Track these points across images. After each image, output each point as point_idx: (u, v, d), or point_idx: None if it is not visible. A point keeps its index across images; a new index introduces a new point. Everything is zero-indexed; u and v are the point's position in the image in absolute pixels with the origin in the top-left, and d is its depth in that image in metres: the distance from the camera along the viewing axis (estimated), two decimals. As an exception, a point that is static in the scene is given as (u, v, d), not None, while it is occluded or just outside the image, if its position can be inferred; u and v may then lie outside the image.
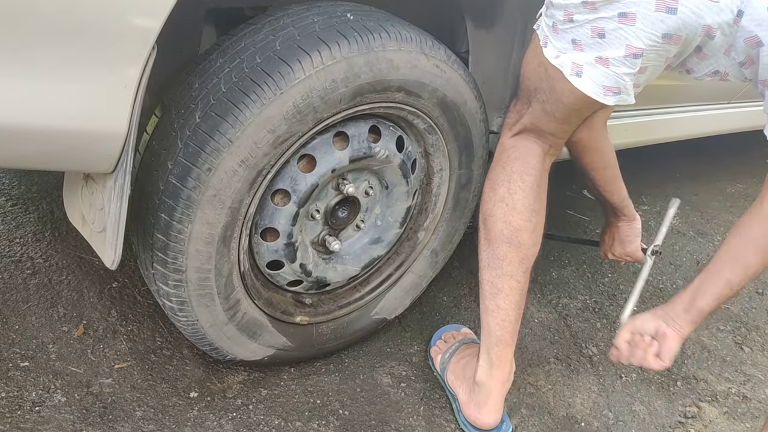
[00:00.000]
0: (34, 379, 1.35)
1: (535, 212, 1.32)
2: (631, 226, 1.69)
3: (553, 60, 1.15)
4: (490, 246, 1.34)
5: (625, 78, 1.10)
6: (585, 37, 1.10)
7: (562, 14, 1.12)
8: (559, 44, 1.14)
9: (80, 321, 1.51)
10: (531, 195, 1.31)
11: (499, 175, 1.33)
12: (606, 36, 1.08)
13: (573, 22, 1.10)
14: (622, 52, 1.07)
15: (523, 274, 1.34)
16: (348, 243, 1.44)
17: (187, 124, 1.08)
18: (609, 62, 1.09)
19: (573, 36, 1.11)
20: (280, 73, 1.06)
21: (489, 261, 1.34)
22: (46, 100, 0.88)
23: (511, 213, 1.30)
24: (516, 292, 1.34)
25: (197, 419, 1.35)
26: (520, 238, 1.31)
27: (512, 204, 1.30)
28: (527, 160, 1.31)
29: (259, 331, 1.36)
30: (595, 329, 1.84)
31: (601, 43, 1.08)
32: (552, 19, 1.15)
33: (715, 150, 3.02)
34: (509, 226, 1.31)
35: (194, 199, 1.09)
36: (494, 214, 1.32)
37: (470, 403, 1.43)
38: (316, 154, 1.23)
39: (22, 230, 1.73)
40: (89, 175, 1.11)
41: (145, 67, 0.94)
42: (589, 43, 1.10)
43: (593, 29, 1.08)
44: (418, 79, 1.23)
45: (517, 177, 1.31)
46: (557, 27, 1.14)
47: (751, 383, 1.73)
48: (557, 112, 1.23)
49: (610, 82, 1.11)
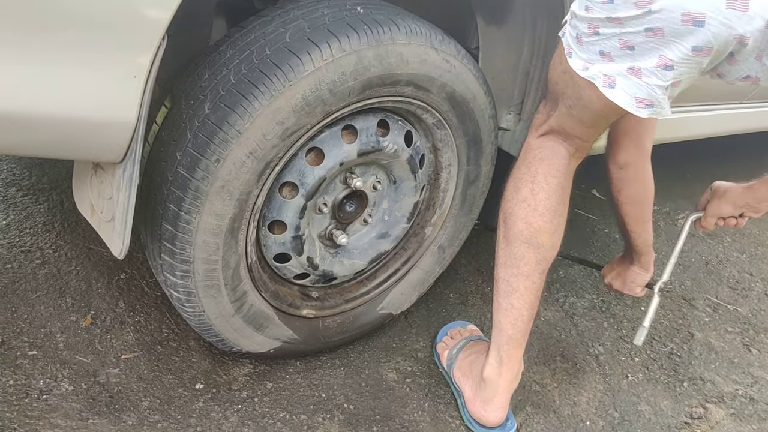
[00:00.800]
0: (41, 367, 1.36)
1: (557, 214, 1.31)
2: (641, 275, 1.69)
3: (582, 73, 1.13)
4: (509, 245, 1.33)
5: (657, 90, 1.08)
6: (614, 49, 1.08)
7: (587, 27, 1.10)
8: (585, 56, 1.13)
9: (88, 311, 1.52)
10: (554, 197, 1.30)
11: (524, 175, 1.32)
12: (636, 48, 1.06)
13: (599, 35, 1.09)
14: (655, 62, 1.05)
15: (540, 276, 1.33)
16: (355, 237, 1.45)
17: (196, 115, 1.09)
18: (641, 73, 1.07)
19: (600, 48, 1.10)
20: (289, 65, 1.07)
21: (506, 259, 1.34)
22: (55, 88, 0.89)
23: (533, 214, 1.29)
24: (531, 292, 1.34)
25: (203, 411, 1.36)
26: (540, 239, 1.30)
27: (534, 205, 1.29)
28: (553, 162, 1.30)
29: (265, 323, 1.36)
30: (602, 329, 1.83)
31: (631, 54, 1.07)
32: (576, 30, 1.13)
33: (725, 152, 3.00)
34: (530, 227, 1.30)
35: (202, 190, 1.09)
36: (515, 213, 1.31)
37: (476, 399, 1.42)
38: (324, 147, 1.23)
39: (32, 221, 1.74)
40: (98, 165, 1.11)
41: (155, 57, 0.94)
42: (620, 54, 1.08)
43: (621, 42, 1.06)
44: (427, 73, 1.23)
45: (542, 178, 1.30)
46: (582, 39, 1.12)
47: (759, 385, 1.72)
48: (584, 118, 1.23)
49: (642, 93, 1.09)
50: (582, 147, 1.32)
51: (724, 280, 2.14)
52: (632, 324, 1.85)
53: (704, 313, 1.96)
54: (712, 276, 2.15)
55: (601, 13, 1.06)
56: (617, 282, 1.73)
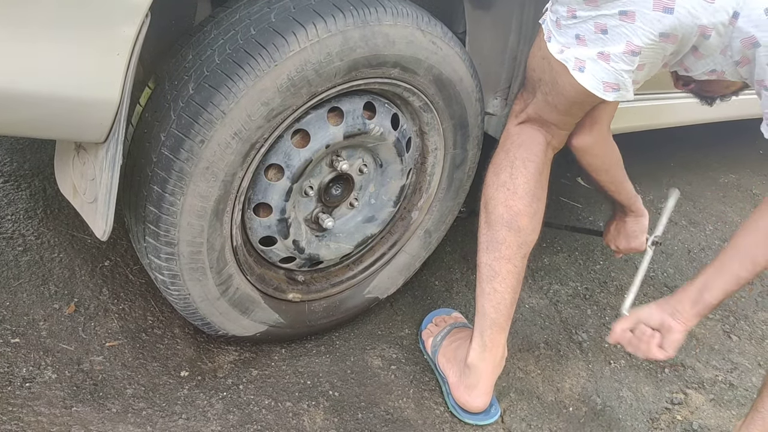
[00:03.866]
0: (24, 355, 1.35)
1: (536, 198, 1.34)
2: (638, 222, 1.68)
3: (557, 55, 1.17)
4: (490, 229, 1.35)
5: (624, 75, 1.13)
6: (588, 33, 1.12)
7: (566, 10, 1.14)
8: (563, 39, 1.16)
9: (71, 299, 1.50)
10: (533, 181, 1.33)
11: (502, 161, 1.35)
12: (608, 32, 1.10)
13: (576, 18, 1.12)
14: (623, 48, 1.09)
15: (521, 259, 1.36)
16: (341, 221, 1.44)
17: (180, 96, 1.08)
18: (610, 58, 1.11)
19: (577, 31, 1.13)
20: (274, 45, 1.06)
21: (488, 244, 1.36)
22: (36, 65, 0.88)
23: (512, 197, 1.32)
24: (513, 276, 1.36)
25: (188, 398, 1.35)
26: (520, 222, 1.33)
27: (514, 189, 1.32)
28: (530, 147, 1.33)
29: (251, 307, 1.36)
30: (586, 316, 1.84)
31: (603, 39, 1.10)
32: (556, 14, 1.17)
33: (710, 140, 3.03)
34: (510, 210, 1.32)
35: (187, 171, 1.08)
36: (495, 197, 1.34)
37: (460, 385, 1.43)
38: (310, 129, 1.22)
39: (13, 207, 1.72)
40: (81, 145, 1.10)
41: (138, 35, 0.93)
42: (593, 39, 1.12)
43: (596, 25, 1.10)
44: (414, 54, 1.23)
45: (520, 163, 1.33)
46: (560, 23, 1.16)
47: (738, 371, 1.74)
48: (559, 105, 1.26)
49: (610, 78, 1.13)
50: (558, 135, 1.35)
51: (705, 268, 2.16)
52: (615, 311, 1.87)
53: (686, 301, 1.98)
54: (695, 264, 2.18)
55: None
56: (621, 240, 1.72)
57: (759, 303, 2.04)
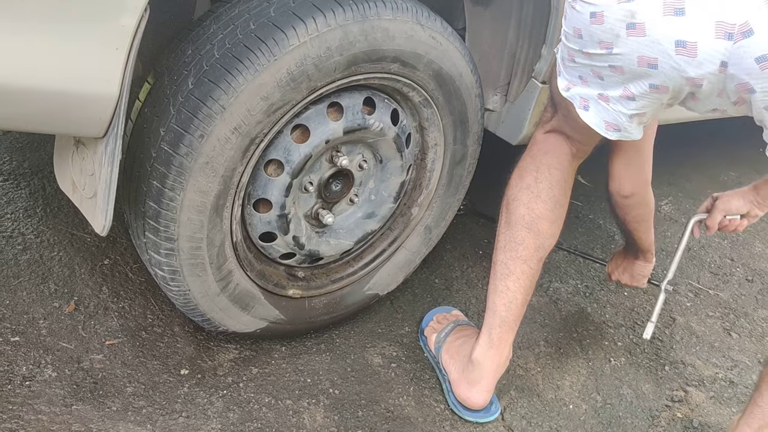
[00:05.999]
0: (24, 353, 1.35)
1: (558, 204, 1.36)
2: (646, 267, 1.77)
3: (563, 92, 1.21)
4: (510, 229, 1.36)
5: (621, 117, 1.16)
6: (589, 76, 1.16)
7: (567, 53, 1.17)
8: (568, 77, 1.20)
9: (71, 297, 1.50)
10: (557, 187, 1.35)
11: (528, 165, 1.37)
12: (604, 79, 1.13)
13: (575, 63, 1.16)
14: (620, 92, 1.13)
15: (537, 262, 1.37)
16: (341, 217, 1.44)
17: (179, 91, 1.08)
18: (609, 100, 1.15)
19: (579, 73, 1.17)
20: (274, 39, 1.06)
21: (506, 243, 1.37)
22: (35, 59, 0.88)
23: (535, 200, 1.34)
24: (527, 277, 1.36)
25: (188, 396, 1.35)
26: (540, 226, 1.34)
27: (537, 192, 1.34)
28: (557, 156, 1.36)
29: (251, 303, 1.36)
30: (586, 314, 1.84)
31: (602, 83, 1.14)
32: (561, 53, 1.20)
33: (710, 137, 3.02)
34: (531, 212, 1.34)
35: (186, 166, 1.08)
36: (518, 198, 1.36)
37: (462, 381, 1.43)
38: (309, 125, 1.22)
39: (13, 206, 1.72)
40: (80, 141, 1.10)
41: (137, 30, 0.94)
42: (593, 81, 1.16)
43: (593, 71, 1.14)
44: (413, 49, 1.23)
45: (545, 168, 1.35)
46: (565, 62, 1.19)
47: (738, 369, 1.74)
48: (576, 128, 1.29)
49: (610, 118, 1.17)
50: (582, 150, 1.38)
51: (705, 266, 2.16)
52: (615, 309, 1.87)
53: (686, 298, 1.98)
54: (694, 261, 2.17)
55: (575, 45, 1.13)
56: (624, 277, 1.81)
57: (759, 300, 2.04)
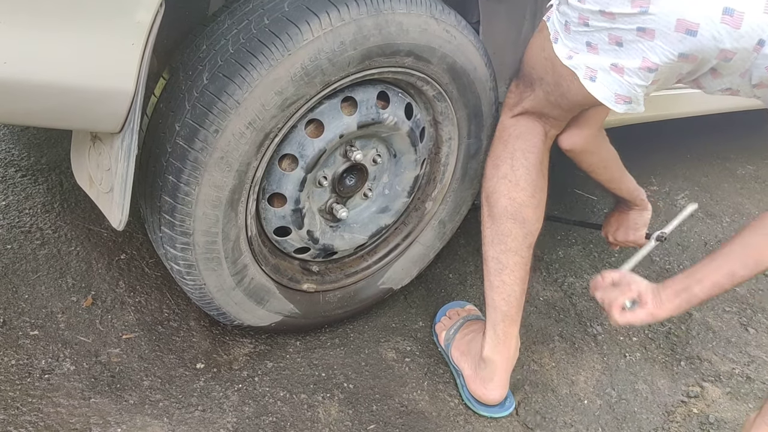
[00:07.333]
0: (43, 347, 1.36)
1: (538, 188, 1.33)
2: (641, 215, 1.69)
3: (565, 60, 1.14)
4: (494, 222, 1.35)
5: (637, 89, 1.10)
6: (601, 42, 1.08)
7: (577, 16, 1.10)
8: (572, 44, 1.13)
9: (89, 292, 1.52)
10: (534, 172, 1.32)
11: (501, 153, 1.34)
12: (623, 45, 1.06)
13: (588, 26, 1.09)
14: (638, 63, 1.06)
15: (527, 250, 1.35)
16: (355, 211, 1.44)
17: (194, 86, 1.08)
18: (624, 71, 1.08)
19: (588, 39, 1.10)
20: (288, 34, 1.06)
21: (493, 237, 1.36)
22: (52, 55, 0.88)
23: (515, 189, 1.32)
24: (520, 267, 1.35)
25: (203, 390, 1.36)
26: (524, 213, 1.32)
27: (515, 180, 1.32)
28: (529, 139, 1.32)
29: (266, 297, 1.36)
30: (600, 309, 1.82)
31: (617, 51, 1.07)
32: (565, 17, 1.13)
33: (727, 131, 2.99)
34: (513, 202, 1.32)
35: (201, 161, 1.09)
36: (497, 190, 1.33)
37: (476, 378, 1.43)
38: (323, 119, 1.22)
39: (31, 201, 1.74)
40: (97, 136, 1.11)
41: (152, 25, 0.94)
42: (606, 49, 1.08)
43: (611, 36, 1.07)
44: (427, 43, 1.23)
45: (520, 155, 1.32)
46: (570, 27, 1.12)
47: (755, 364, 1.72)
48: (562, 104, 1.24)
49: (623, 90, 1.11)
50: (556, 125, 1.34)
51: (723, 261, 2.14)
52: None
53: (703, 293, 1.96)
54: (712, 256, 2.15)
55: (593, 5, 1.06)
56: (620, 232, 1.72)
57: (777, 295, 2.02)
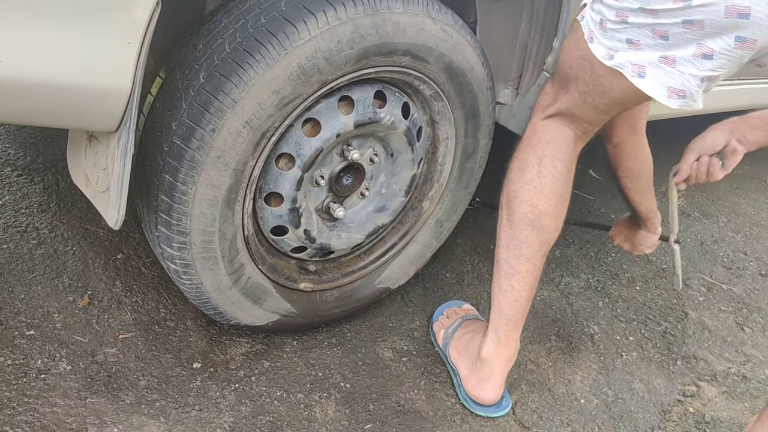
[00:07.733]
0: (39, 347, 1.36)
1: (562, 198, 1.30)
2: (648, 237, 1.72)
3: (606, 61, 1.10)
4: (512, 227, 1.32)
5: (691, 80, 1.05)
6: (644, 38, 1.05)
7: (614, 14, 1.07)
8: (610, 43, 1.10)
9: (85, 291, 1.52)
10: (560, 180, 1.29)
11: (529, 157, 1.30)
12: (670, 38, 1.03)
13: (627, 23, 1.06)
14: (692, 51, 1.02)
15: (541, 258, 1.34)
16: (352, 211, 1.44)
17: (191, 85, 1.08)
18: (676, 62, 1.04)
19: (628, 36, 1.07)
20: (284, 33, 1.06)
21: (509, 242, 1.33)
22: (48, 54, 0.88)
23: (539, 197, 1.28)
24: (531, 274, 1.34)
25: (200, 390, 1.36)
26: (544, 222, 1.30)
27: (540, 188, 1.28)
28: (559, 144, 1.28)
29: (263, 296, 1.36)
30: (597, 308, 1.83)
31: (664, 44, 1.04)
32: (600, 15, 1.11)
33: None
34: (535, 209, 1.29)
35: (198, 160, 1.09)
36: (520, 195, 1.30)
37: (472, 378, 1.43)
38: (320, 119, 1.22)
39: (27, 201, 1.73)
40: (93, 135, 1.11)
41: (149, 23, 0.94)
42: (650, 44, 1.05)
43: (654, 31, 1.03)
44: (424, 43, 1.23)
45: (548, 161, 1.28)
46: (606, 25, 1.09)
47: (751, 363, 1.72)
48: (600, 104, 1.21)
49: (676, 83, 1.06)
50: (589, 131, 1.31)
51: (718, 260, 2.15)
52: (627, 303, 1.86)
53: (698, 293, 1.97)
54: (707, 256, 2.16)
55: (633, 2, 1.03)
56: (626, 244, 1.77)
57: (773, 295, 2.03)
